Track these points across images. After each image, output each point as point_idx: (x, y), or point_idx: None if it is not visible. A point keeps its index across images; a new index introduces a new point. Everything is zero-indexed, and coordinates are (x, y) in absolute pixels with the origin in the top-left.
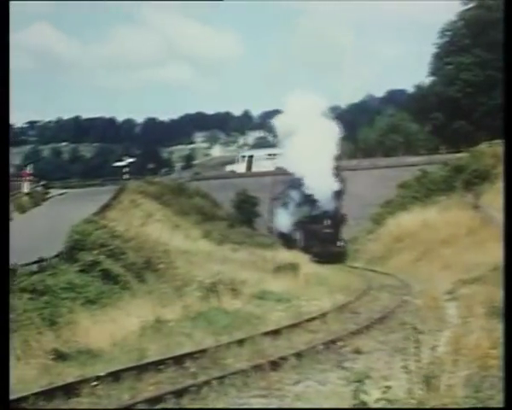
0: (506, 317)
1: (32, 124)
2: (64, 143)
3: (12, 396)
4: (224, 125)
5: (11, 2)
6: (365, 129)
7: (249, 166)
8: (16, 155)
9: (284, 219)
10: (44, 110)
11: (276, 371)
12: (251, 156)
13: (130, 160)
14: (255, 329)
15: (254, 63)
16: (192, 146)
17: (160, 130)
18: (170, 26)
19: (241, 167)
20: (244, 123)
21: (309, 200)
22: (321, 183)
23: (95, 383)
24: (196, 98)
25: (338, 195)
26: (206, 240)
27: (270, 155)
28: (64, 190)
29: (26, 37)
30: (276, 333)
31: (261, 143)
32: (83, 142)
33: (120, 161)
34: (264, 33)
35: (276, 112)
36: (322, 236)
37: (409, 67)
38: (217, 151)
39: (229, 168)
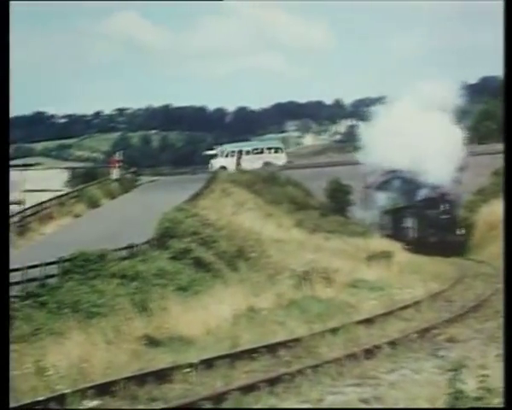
0: (506, 317)
1: (121, 111)
2: (154, 131)
3: (101, 380)
4: (316, 113)
5: None
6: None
7: (238, 162)
8: (105, 142)
9: (384, 207)
10: (134, 98)
11: (370, 359)
12: (240, 151)
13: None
14: (348, 317)
15: (346, 51)
16: (283, 135)
17: (250, 119)
18: (261, 15)
19: (229, 162)
20: (336, 112)
21: (416, 184)
22: (436, 164)
23: (188, 370)
24: (288, 87)
25: (456, 175)
26: (299, 229)
27: (256, 149)
28: (154, 178)
29: (114, 26)
30: (369, 322)
31: (352, 132)
32: (173, 130)
33: (211, 149)
34: (355, 21)
35: (368, 100)
36: (439, 222)
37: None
38: (308, 140)
39: (217, 163)
